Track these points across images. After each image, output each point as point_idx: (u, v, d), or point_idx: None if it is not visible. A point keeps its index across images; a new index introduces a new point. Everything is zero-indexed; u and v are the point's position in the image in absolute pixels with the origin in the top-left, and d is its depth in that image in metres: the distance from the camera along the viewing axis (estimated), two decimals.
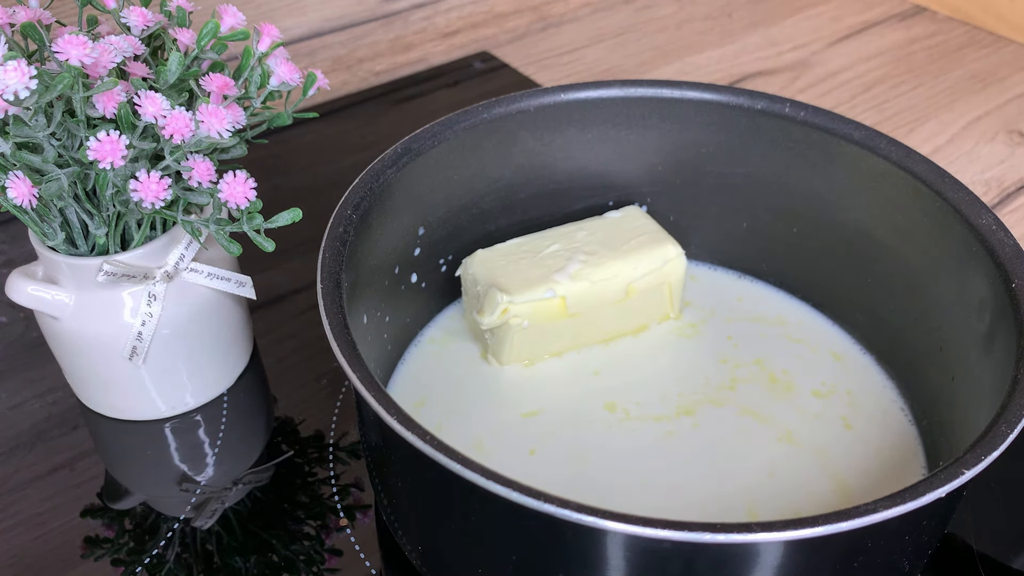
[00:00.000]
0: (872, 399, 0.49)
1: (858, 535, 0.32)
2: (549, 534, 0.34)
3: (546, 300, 0.49)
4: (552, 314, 0.49)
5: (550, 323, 0.50)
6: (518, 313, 0.48)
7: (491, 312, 0.48)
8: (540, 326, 0.50)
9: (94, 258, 0.46)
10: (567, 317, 0.50)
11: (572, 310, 0.50)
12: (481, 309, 0.49)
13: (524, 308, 0.48)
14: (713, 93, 0.51)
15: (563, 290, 0.49)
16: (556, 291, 0.49)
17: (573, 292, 0.49)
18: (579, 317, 0.50)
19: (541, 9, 0.95)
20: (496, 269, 0.50)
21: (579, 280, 0.49)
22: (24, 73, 0.37)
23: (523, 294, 0.48)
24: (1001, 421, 0.35)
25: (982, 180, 0.72)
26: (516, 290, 0.48)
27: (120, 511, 0.49)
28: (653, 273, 0.51)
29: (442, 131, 0.48)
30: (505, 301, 0.48)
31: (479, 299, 0.50)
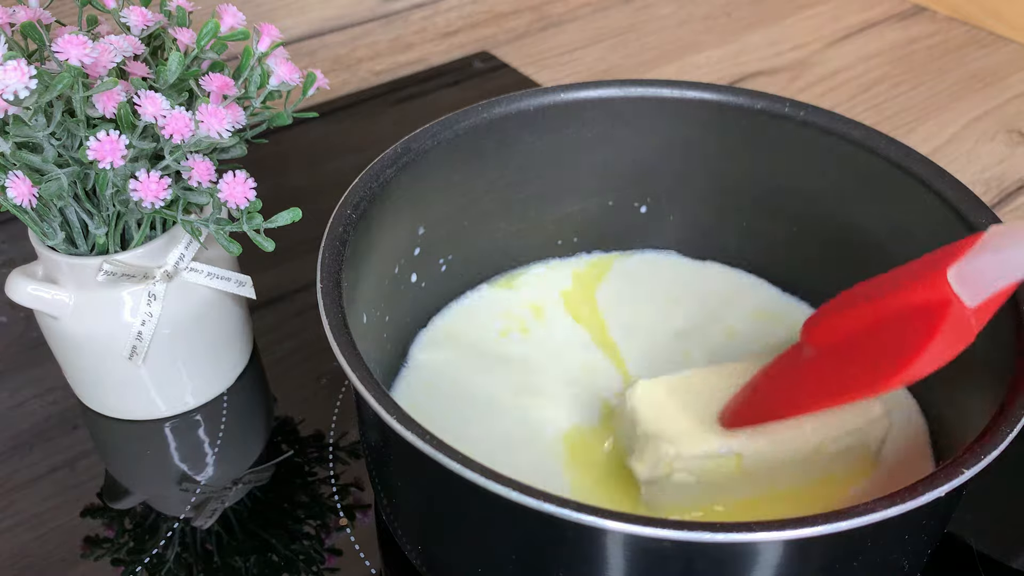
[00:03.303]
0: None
1: (858, 535, 0.32)
2: (549, 534, 0.34)
3: (719, 457, 0.41)
4: (724, 472, 0.41)
5: (721, 481, 0.42)
6: (687, 468, 0.41)
7: (653, 466, 0.41)
8: (708, 484, 0.41)
9: (94, 258, 0.46)
10: (740, 476, 0.42)
11: (747, 469, 0.41)
12: (641, 458, 0.42)
13: (692, 464, 0.41)
14: (713, 93, 0.51)
15: (739, 446, 0.41)
16: (732, 447, 0.41)
17: (751, 449, 0.41)
18: (753, 478, 0.42)
19: (541, 9, 0.95)
20: (662, 410, 0.42)
21: (758, 436, 0.41)
22: (24, 73, 0.37)
23: (693, 447, 0.41)
24: (1001, 421, 0.35)
25: (982, 180, 0.72)
26: (684, 441, 0.41)
27: (120, 511, 0.49)
28: (853, 435, 0.42)
29: (442, 131, 0.48)
30: (672, 454, 0.40)
31: (636, 442, 0.42)
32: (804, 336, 0.39)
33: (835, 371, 0.38)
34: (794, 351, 0.41)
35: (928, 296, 0.34)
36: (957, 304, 0.33)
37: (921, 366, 0.34)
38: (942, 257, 0.34)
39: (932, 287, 0.34)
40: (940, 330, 0.33)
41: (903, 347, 0.34)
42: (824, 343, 0.38)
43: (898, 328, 0.35)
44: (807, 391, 0.39)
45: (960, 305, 0.33)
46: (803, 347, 0.40)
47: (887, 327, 0.35)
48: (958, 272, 0.33)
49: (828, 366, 0.38)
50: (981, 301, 0.33)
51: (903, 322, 0.34)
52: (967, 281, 0.33)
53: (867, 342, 0.36)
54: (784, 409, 0.40)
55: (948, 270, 0.33)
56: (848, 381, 0.37)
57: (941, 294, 0.33)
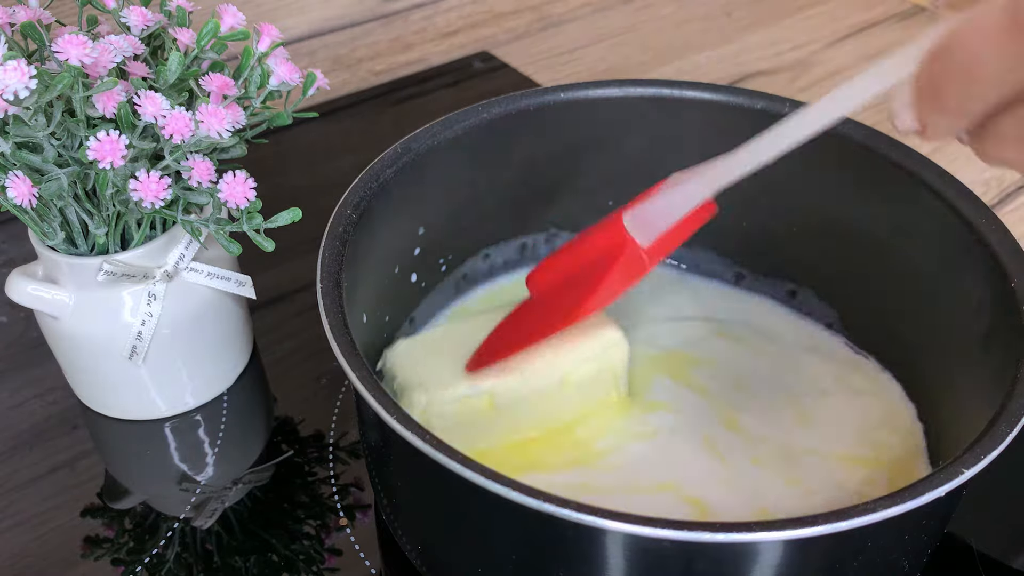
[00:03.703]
0: (876, 398, 0.49)
1: (858, 534, 0.32)
2: (549, 534, 0.34)
3: (470, 397, 0.44)
4: (478, 412, 0.45)
5: (476, 421, 0.45)
6: (440, 413, 0.44)
7: (409, 411, 0.43)
8: (465, 425, 0.45)
9: (94, 258, 0.46)
10: (494, 413, 0.45)
11: (500, 405, 0.45)
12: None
13: (446, 407, 0.44)
14: (713, 93, 0.51)
15: (488, 385, 0.44)
16: (480, 386, 0.44)
17: (500, 386, 0.45)
18: (508, 412, 0.46)
19: (541, 9, 0.95)
20: (417, 363, 0.46)
21: (506, 372, 0.45)
22: (24, 73, 0.37)
23: (443, 391, 0.44)
24: (1001, 421, 0.35)
25: (982, 180, 0.72)
26: (436, 387, 0.44)
27: (120, 511, 0.49)
28: (592, 360, 0.46)
29: (442, 131, 0.48)
30: (424, 401, 0.44)
31: (397, 396, 0.46)
32: (527, 285, 0.45)
33: (548, 308, 0.44)
34: (524, 301, 0.46)
35: (608, 240, 0.40)
36: (631, 244, 0.39)
37: (602, 296, 0.40)
38: (626, 205, 0.40)
39: (611, 232, 0.40)
40: (615, 267, 0.39)
41: (591, 283, 0.40)
42: (540, 289, 0.45)
43: (589, 268, 0.41)
44: (528, 329, 0.44)
45: (634, 245, 0.39)
46: (530, 297, 0.45)
47: (583, 269, 0.41)
48: (632, 217, 0.39)
49: (543, 305, 0.44)
50: (653, 241, 0.39)
51: (593, 263, 0.41)
52: (640, 224, 0.39)
53: (569, 282, 0.42)
54: (511, 347, 0.44)
55: (623, 215, 0.39)
56: (556, 314, 0.42)
57: (618, 237, 0.39)
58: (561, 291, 0.43)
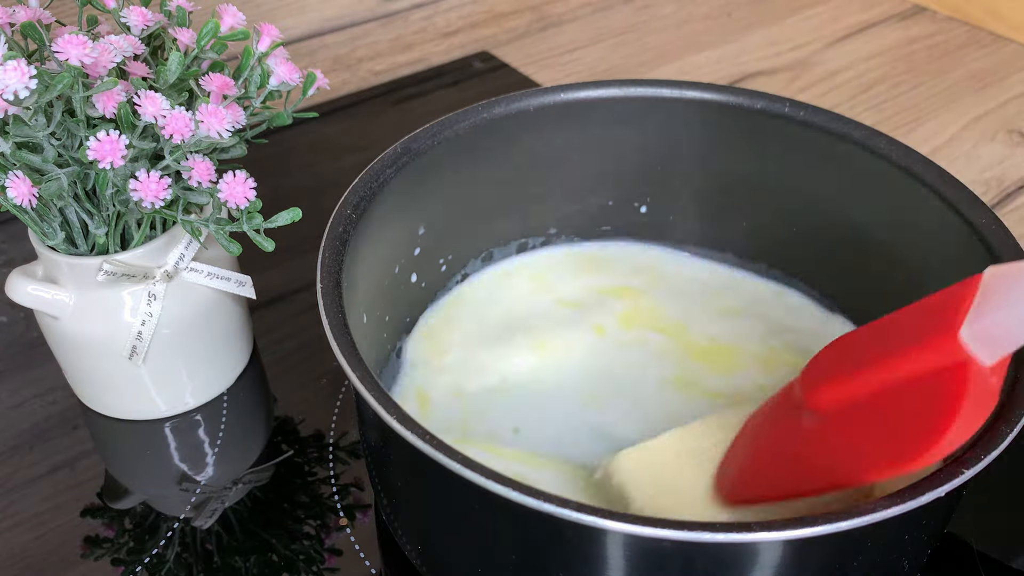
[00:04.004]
0: None
1: (858, 534, 0.32)
2: (549, 534, 0.34)
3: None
4: None
5: None
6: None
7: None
8: None
9: (94, 258, 0.46)
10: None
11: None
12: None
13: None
14: (713, 93, 0.51)
15: (743, 515, 0.38)
16: (738, 518, 0.38)
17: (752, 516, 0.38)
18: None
19: (541, 9, 0.95)
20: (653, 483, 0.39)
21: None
22: (24, 73, 0.37)
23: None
24: (1001, 421, 0.34)
25: (982, 180, 0.72)
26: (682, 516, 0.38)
27: (120, 511, 0.49)
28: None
29: (442, 131, 0.48)
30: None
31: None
32: (802, 397, 0.36)
33: (846, 445, 0.34)
34: (787, 408, 0.37)
35: (943, 361, 0.31)
36: (975, 366, 0.30)
37: (950, 441, 0.31)
38: (948, 311, 0.31)
39: (946, 351, 0.30)
40: (964, 399, 0.30)
41: (926, 420, 0.31)
42: (827, 409, 0.34)
43: (916, 395, 0.31)
44: (817, 467, 0.35)
45: (979, 367, 0.30)
46: (800, 408, 0.36)
47: (900, 394, 0.32)
48: (971, 332, 0.30)
49: (837, 438, 0.34)
50: (999, 358, 0.30)
51: (920, 389, 0.31)
52: (981, 339, 0.30)
53: (882, 411, 0.32)
54: (793, 487, 0.36)
55: (960, 332, 0.30)
56: (867, 457, 0.33)
57: (957, 358, 0.30)
58: (868, 421, 0.33)
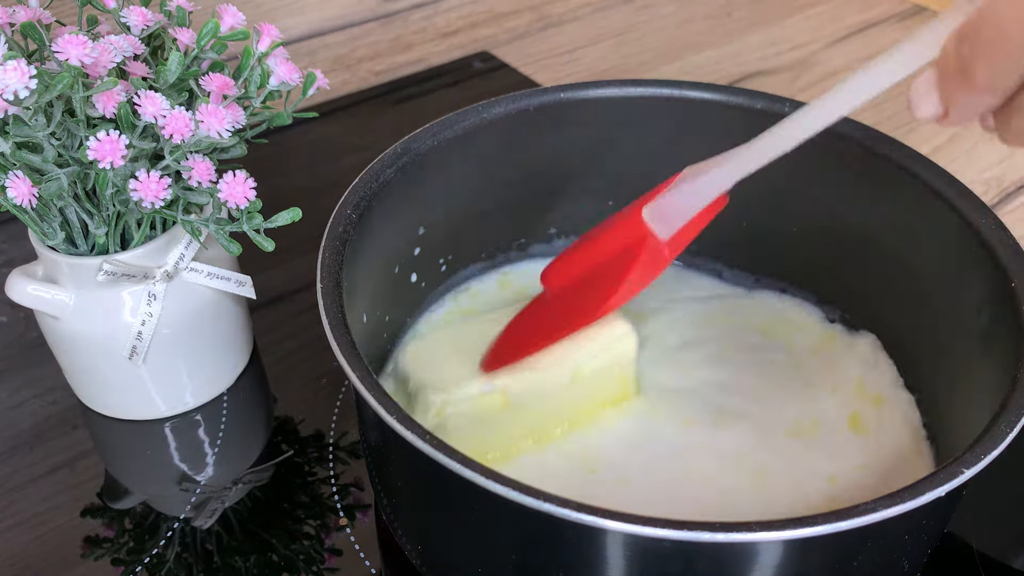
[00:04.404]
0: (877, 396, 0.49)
1: (858, 534, 0.32)
2: (549, 534, 0.34)
3: (484, 395, 0.44)
4: (492, 409, 0.45)
5: (491, 419, 0.45)
6: (455, 413, 0.44)
7: (424, 413, 0.44)
8: (481, 424, 0.45)
9: (94, 258, 0.46)
10: (509, 410, 0.45)
11: (513, 402, 0.45)
12: (413, 411, 0.45)
13: (461, 407, 0.44)
14: (713, 93, 0.51)
15: (502, 382, 0.44)
16: (494, 384, 0.44)
17: (513, 383, 0.45)
18: (523, 409, 0.46)
19: (541, 9, 0.95)
20: (430, 364, 0.45)
21: (518, 369, 0.44)
22: (24, 73, 0.37)
23: (458, 391, 0.44)
24: (1001, 421, 0.35)
25: (982, 180, 0.72)
26: (450, 388, 0.44)
27: (120, 511, 0.49)
28: (602, 353, 0.46)
29: (442, 131, 0.48)
30: (439, 402, 0.44)
31: (412, 398, 0.46)
32: (542, 282, 0.44)
33: (566, 305, 0.43)
34: (538, 298, 0.45)
35: (627, 234, 0.39)
36: (651, 238, 0.38)
37: (624, 292, 0.39)
38: (642, 199, 0.39)
39: (630, 226, 0.39)
40: (637, 261, 0.39)
41: (612, 278, 0.39)
42: (556, 285, 0.44)
43: (609, 264, 0.40)
44: (547, 327, 0.44)
45: (654, 238, 0.38)
46: (544, 293, 0.45)
47: (602, 264, 0.41)
48: (651, 210, 0.39)
49: (561, 302, 0.44)
50: (673, 233, 0.38)
51: (612, 258, 0.40)
52: (660, 217, 0.38)
53: (587, 278, 0.41)
54: (529, 346, 0.44)
55: (643, 209, 0.39)
56: (575, 312, 0.42)
57: (638, 231, 0.39)
58: (579, 288, 0.42)
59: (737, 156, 0.36)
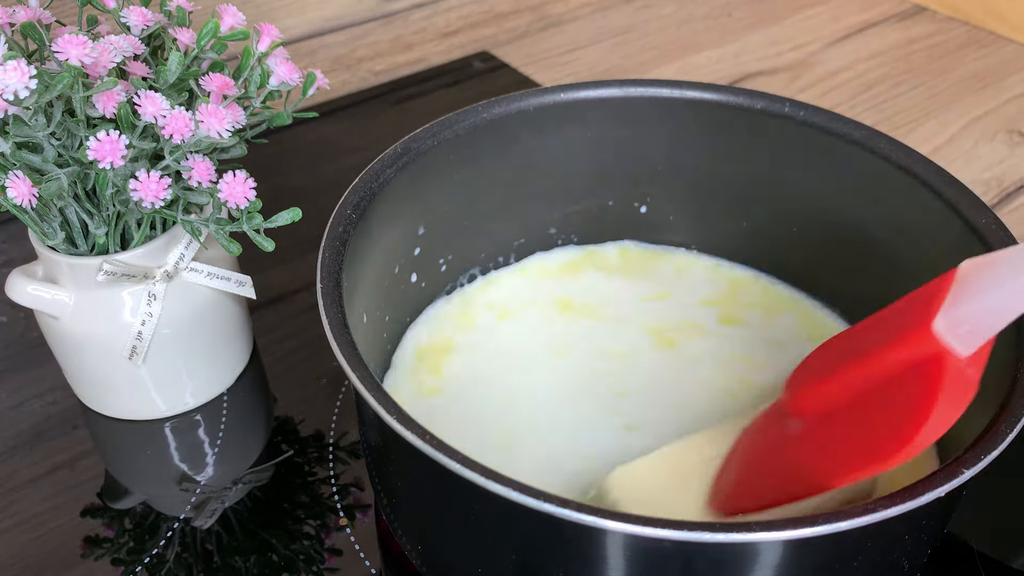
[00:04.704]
0: None
1: (858, 534, 0.32)
2: (549, 534, 0.34)
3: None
4: None
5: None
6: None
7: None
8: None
9: (94, 258, 0.46)
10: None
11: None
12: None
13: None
14: (713, 93, 0.51)
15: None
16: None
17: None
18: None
19: (541, 9, 0.95)
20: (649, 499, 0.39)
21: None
22: (24, 73, 0.37)
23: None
24: (1001, 421, 0.35)
25: (982, 180, 0.72)
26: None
27: (120, 511, 0.49)
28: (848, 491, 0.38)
29: (442, 131, 0.48)
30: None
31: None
32: (788, 402, 0.36)
33: (831, 446, 0.34)
34: (776, 419, 0.37)
35: (918, 354, 0.31)
36: (951, 358, 0.30)
37: (929, 432, 0.31)
38: (923, 306, 0.31)
39: (920, 343, 0.31)
40: (940, 391, 0.30)
41: (905, 413, 0.31)
42: (812, 413, 0.35)
43: (893, 392, 0.32)
44: (805, 470, 0.35)
45: (955, 358, 0.30)
46: (787, 416, 0.36)
47: (880, 391, 0.32)
48: (945, 322, 0.30)
49: (822, 441, 0.35)
50: (976, 349, 0.31)
51: (897, 385, 0.32)
52: (957, 330, 0.30)
53: (861, 410, 0.33)
54: (783, 493, 0.36)
55: (934, 322, 0.30)
56: (849, 457, 0.33)
57: (932, 350, 0.30)
58: (849, 421, 0.34)
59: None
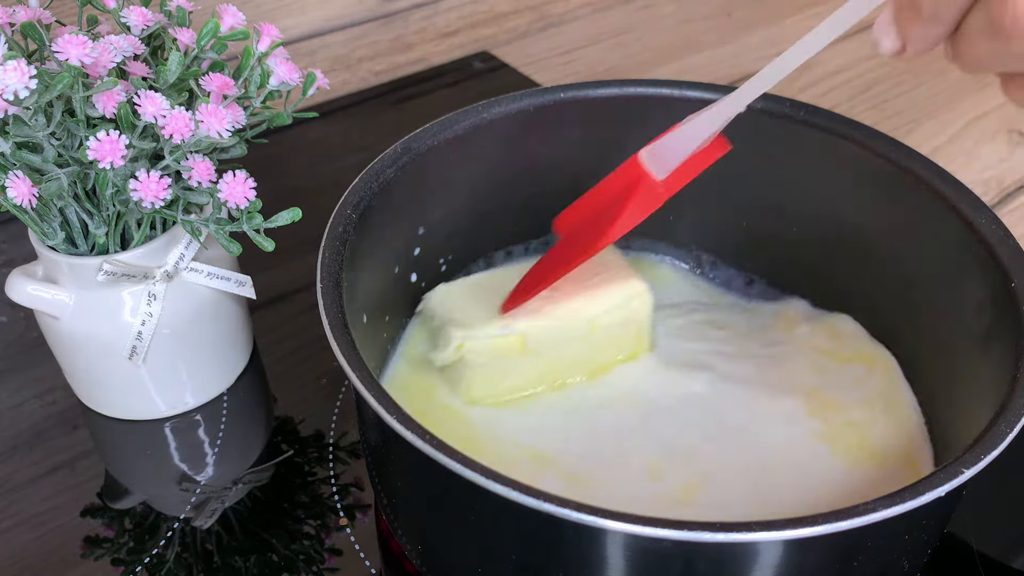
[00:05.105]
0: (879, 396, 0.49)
1: (858, 534, 0.32)
2: (549, 534, 0.34)
3: (502, 337, 0.47)
4: (510, 351, 0.47)
5: (508, 360, 0.48)
6: (473, 349, 0.47)
7: (444, 348, 0.47)
8: (497, 363, 0.48)
9: (94, 258, 0.46)
10: (526, 354, 0.48)
11: (531, 347, 0.48)
12: (437, 346, 0.48)
13: (479, 344, 0.47)
14: (713, 93, 0.51)
15: (521, 327, 0.47)
16: (513, 328, 0.47)
17: (531, 329, 0.47)
18: (539, 355, 0.48)
19: (541, 9, 0.95)
20: (454, 305, 0.49)
21: (538, 317, 0.47)
22: (24, 73, 0.37)
23: (477, 330, 0.47)
24: (1001, 421, 0.35)
25: (982, 180, 0.72)
26: (471, 326, 0.47)
27: (120, 511, 0.49)
28: (617, 309, 0.49)
29: (442, 131, 0.48)
30: (459, 337, 0.46)
31: (435, 335, 0.49)
32: (554, 229, 0.48)
33: (573, 244, 0.46)
34: (553, 246, 0.49)
35: (626, 177, 0.43)
36: (647, 178, 0.43)
37: (621, 225, 0.43)
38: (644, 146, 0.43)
39: (629, 169, 0.43)
40: (633, 198, 0.42)
41: (612, 215, 0.43)
42: (565, 229, 0.47)
43: (610, 204, 0.44)
44: (555, 264, 0.47)
45: (649, 178, 0.42)
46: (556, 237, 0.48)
47: (604, 206, 0.44)
48: (648, 153, 0.43)
49: (568, 243, 0.47)
50: (668, 174, 0.42)
51: (613, 200, 0.44)
52: (656, 159, 0.43)
53: (591, 218, 0.45)
54: (539, 283, 0.47)
55: (640, 152, 0.43)
56: (579, 248, 0.45)
57: (635, 173, 0.43)
58: (585, 228, 0.45)
59: (724, 101, 0.41)
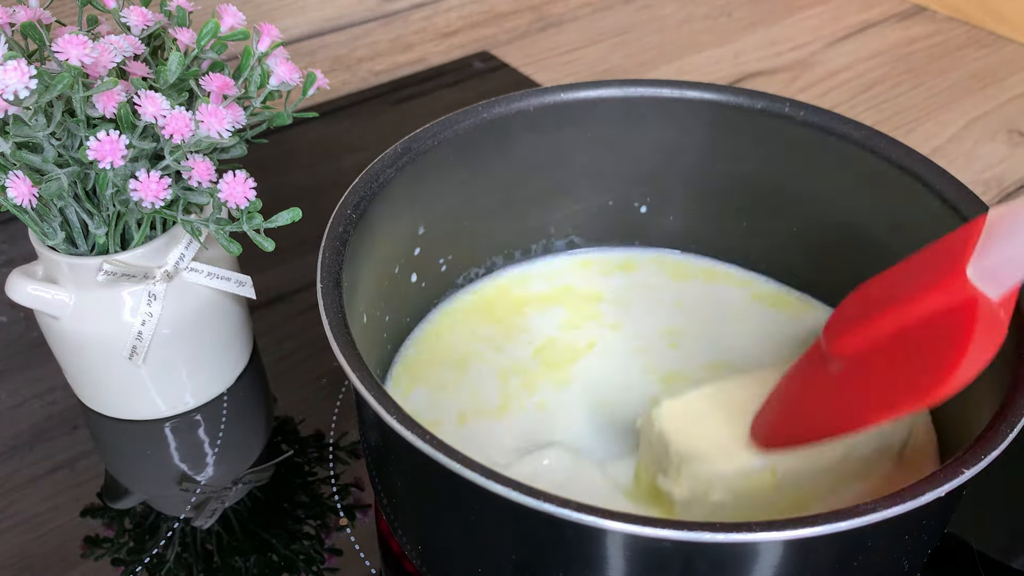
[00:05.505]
0: None
1: (858, 534, 0.32)
2: (549, 534, 0.34)
3: (756, 472, 0.40)
4: (760, 486, 0.40)
5: (759, 493, 0.40)
6: (722, 487, 0.40)
7: (690, 486, 0.40)
8: (746, 499, 0.40)
9: (94, 258, 0.46)
10: (778, 489, 0.41)
11: (783, 480, 0.40)
12: (677, 479, 0.41)
13: (729, 482, 0.40)
14: (713, 93, 0.51)
15: (773, 460, 0.40)
16: (767, 462, 0.40)
17: (784, 461, 0.40)
18: (792, 488, 0.41)
19: (541, 9, 0.95)
20: (692, 429, 0.41)
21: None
22: (24, 73, 0.37)
23: (729, 465, 0.40)
24: (1001, 421, 0.35)
25: (982, 180, 0.72)
26: (721, 461, 0.40)
27: (120, 511, 0.49)
28: (877, 437, 0.42)
29: (442, 131, 0.48)
30: (709, 475, 0.39)
31: (670, 463, 0.41)
32: (827, 347, 0.38)
33: (869, 385, 0.36)
34: (816, 360, 0.39)
35: (953, 299, 0.32)
36: (984, 301, 0.32)
37: (964, 372, 0.32)
38: (954, 252, 0.33)
39: (954, 289, 0.32)
40: (974, 333, 0.32)
41: (940, 355, 0.32)
42: (850, 354, 0.37)
43: (930, 334, 0.33)
44: (843, 409, 0.37)
45: (987, 301, 0.32)
46: (827, 358, 0.38)
47: (916, 334, 0.34)
48: (976, 268, 0.32)
49: (860, 380, 0.36)
50: (1006, 292, 0.32)
51: (933, 327, 0.33)
52: (987, 275, 0.32)
53: (898, 352, 0.34)
54: (823, 429, 0.38)
55: (966, 268, 0.32)
56: (886, 396, 0.35)
57: (965, 295, 0.32)
58: (887, 362, 0.35)
59: None
